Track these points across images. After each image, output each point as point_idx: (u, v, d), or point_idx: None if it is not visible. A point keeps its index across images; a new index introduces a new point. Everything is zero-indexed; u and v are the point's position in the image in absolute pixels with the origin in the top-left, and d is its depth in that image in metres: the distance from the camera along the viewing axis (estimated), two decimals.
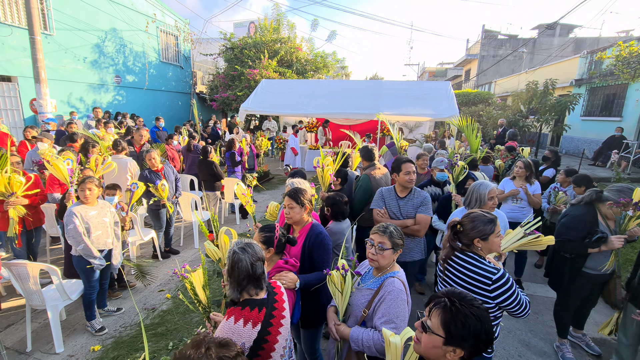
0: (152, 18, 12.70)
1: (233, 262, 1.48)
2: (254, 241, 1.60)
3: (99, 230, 3.08)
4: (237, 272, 1.46)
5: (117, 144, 4.89)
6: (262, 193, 8.07)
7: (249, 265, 1.46)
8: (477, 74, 23.67)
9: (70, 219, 2.89)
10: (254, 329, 1.42)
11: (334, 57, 16.16)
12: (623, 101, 10.82)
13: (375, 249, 1.74)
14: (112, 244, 3.22)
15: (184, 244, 5.25)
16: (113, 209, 3.31)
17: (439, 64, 38.39)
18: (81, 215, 2.95)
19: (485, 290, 1.72)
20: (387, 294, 1.68)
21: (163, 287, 3.95)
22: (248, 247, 1.52)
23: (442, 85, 10.22)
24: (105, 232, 3.14)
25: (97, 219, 3.07)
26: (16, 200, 3.16)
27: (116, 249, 3.28)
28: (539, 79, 11.22)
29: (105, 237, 3.13)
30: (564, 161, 10.96)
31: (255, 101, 9.87)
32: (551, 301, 3.60)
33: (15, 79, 8.61)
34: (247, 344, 1.40)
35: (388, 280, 1.73)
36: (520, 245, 2.18)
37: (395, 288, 1.68)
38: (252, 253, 1.49)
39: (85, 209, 3.01)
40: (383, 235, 1.74)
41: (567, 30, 22.88)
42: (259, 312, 1.46)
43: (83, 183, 2.99)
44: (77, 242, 2.90)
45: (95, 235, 3.03)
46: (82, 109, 10.42)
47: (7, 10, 8.29)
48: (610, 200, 2.56)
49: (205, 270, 1.90)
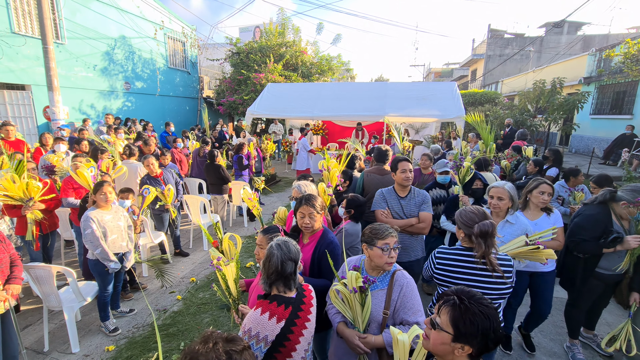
0: (160, 25, 12.94)
1: (267, 255, 1.56)
2: (293, 241, 1.64)
3: (115, 234, 3.16)
4: (268, 265, 1.54)
5: (127, 148, 5.01)
6: (269, 195, 8.14)
7: (279, 262, 1.52)
8: (483, 74, 23.49)
9: (88, 224, 2.96)
10: (278, 324, 1.47)
11: (339, 60, 16.23)
12: (633, 99, 10.63)
13: (393, 251, 1.77)
14: (127, 246, 3.30)
15: (194, 246, 5.33)
16: (125, 213, 3.39)
17: (444, 65, 38.21)
18: (97, 219, 3.02)
19: (509, 278, 1.84)
20: (405, 288, 1.73)
21: (174, 288, 4.02)
22: (284, 244, 1.58)
23: (448, 85, 10.19)
24: (120, 236, 3.22)
25: (112, 223, 3.15)
26: (34, 205, 3.26)
27: (130, 251, 3.35)
28: (547, 77, 11.11)
29: (120, 241, 3.22)
30: (575, 160, 10.81)
31: (261, 105, 9.97)
32: (561, 301, 3.56)
33: (29, 87, 8.86)
34: (270, 338, 1.44)
35: (397, 274, 1.78)
36: (519, 252, 2.15)
37: (408, 279, 1.75)
38: (285, 252, 1.55)
39: (101, 213, 3.09)
40: (394, 235, 1.79)
41: (575, 27, 22.58)
42: (285, 309, 1.51)
43: (101, 187, 3.06)
44: (95, 246, 2.97)
45: (111, 239, 3.11)
46: (93, 115, 10.66)
47: (21, 20, 8.54)
48: (624, 200, 2.52)
49: (238, 263, 1.98)
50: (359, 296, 1.67)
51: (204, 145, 6.97)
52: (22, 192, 3.14)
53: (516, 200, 2.48)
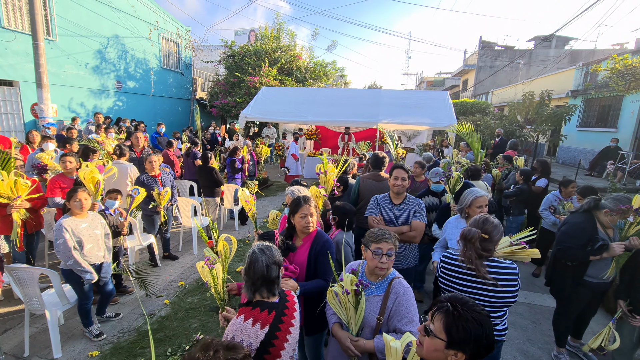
0: (154, 25, 12.85)
1: (251, 261, 1.54)
2: (274, 245, 1.64)
3: (91, 244, 2.96)
4: (252, 271, 1.52)
5: (118, 148, 4.92)
6: (261, 199, 8.08)
7: (265, 266, 1.51)
8: (474, 84, 23.96)
9: (60, 233, 2.75)
10: (262, 330, 1.45)
11: (334, 66, 16.34)
12: (618, 112, 10.98)
13: (386, 257, 1.76)
14: (104, 256, 3.12)
15: (183, 249, 5.24)
16: (103, 220, 3.21)
17: (436, 74, 38.85)
18: (72, 228, 2.83)
19: (514, 286, 1.85)
20: (400, 295, 1.72)
21: (162, 292, 3.94)
22: (267, 249, 1.57)
23: (440, 94, 10.34)
24: (97, 245, 3.03)
25: (88, 231, 2.95)
26: (21, 203, 3.16)
27: (108, 262, 3.18)
28: (536, 89, 11.39)
29: (96, 251, 3.02)
30: (562, 171, 11.06)
31: (255, 108, 9.95)
32: (549, 310, 3.62)
33: (17, 84, 8.66)
34: (254, 345, 1.42)
35: (395, 282, 1.77)
36: (505, 253, 2.19)
37: (405, 288, 1.74)
38: (269, 255, 1.54)
39: (76, 221, 2.89)
40: (389, 241, 1.78)
41: (563, 42, 23.28)
42: (269, 314, 1.49)
43: (75, 193, 2.86)
44: (66, 257, 2.78)
45: (87, 249, 2.92)
46: (82, 114, 10.46)
47: (10, 15, 8.37)
48: (607, 208, 2.60)
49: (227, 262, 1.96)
50: (353, 299, 1.68)
51: (192, 145, 6.91)
52: (9, 190, 3.04)
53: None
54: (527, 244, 2.15)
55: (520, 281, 1.90)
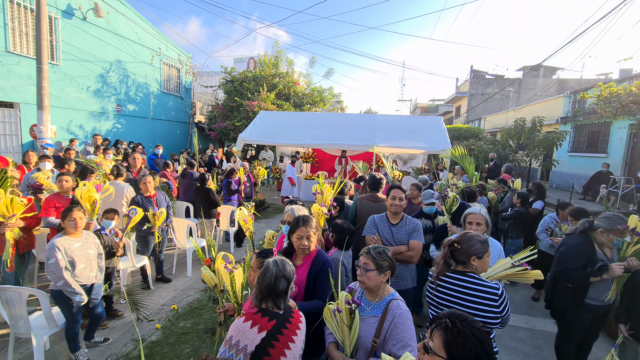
0: (156, 52, 13.25)
1: (263, 270, 1.59)
2: (289, 262, 1.67)
3: (83, 264, 2.89)
4: (262, 279, 1.57)
5: (115, 169, 4.93)
6: (258, 221, 8.02)
7: (273, 277, 1.55)
8: (467, 110, 24.64)
9: (52, 253, 2.70)
10: (259, 334, 1.45)
11: (330, 92, 16.78)
12: (607, 138, 11.29)
13: (361, 270, 1.77)
14: (96, 277, 3.04)
15: (177, 271, 5.13)
16: (97, 240, 3.16)
17: (430, 100, 39.94)
18: (64, 248, 2.78)
19: (493, 307, 1.76)
20: (396, 318, 1.67)
21: (153, 316, 3.81)
22: (280, 262, 1.61)
23: (434, 120, 10.61)
24: (89, 265, 2.97)
25: (81, 251, 2.90)
26: (15, 222, 3.11)
27: (100, 283, 3.09)
28: (527, 116, 11.74)
29: (88, 271, 2.96)
30: (556, 195, 11.18)
31: (253, 131, 10.10)
32: (551, 335, 3.55)
33: (17, 105, 8.76)
34: (250, 348, 1.42)
35: (392, 303, 1.73)
36: (507, 275, 2.17)
37: (402, 310, 1.70)
38: (280, 268, 1.58)
39: (69, 240, 2.84)
40: (367, 256, 1.78)
41: (550, 72, 24.28)
42: (269, 321, 1.51)
43: (70, 212, 2.84)
44: (57, 278, 2.70)
45: (79, 269, 2.87)
46: (81, 135, 10.53)
47: (17, 40, 8.61)
48: (601, 228, 2.63)
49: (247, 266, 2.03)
50: (347, 317, 1.66)
51: (188, 167, 6.93)
52: (5, 208, 3.00)
53: (490, 224, 2.65)
54: (529, 265, 2.13)
55: (508, 304, 1.82)
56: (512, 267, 2.15)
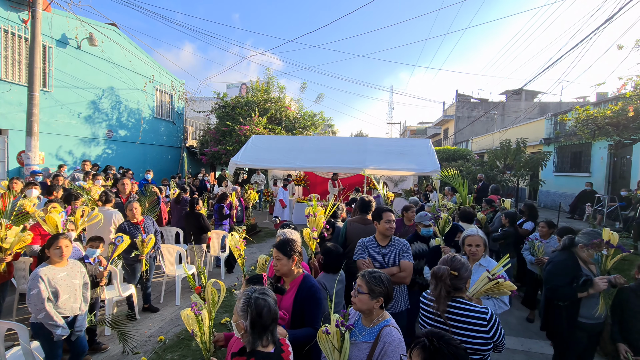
0: (149, 79, 13.46)
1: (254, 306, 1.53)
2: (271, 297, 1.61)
3: (67, 294, 2.79)
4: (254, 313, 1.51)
5: (104, 194, 4.85)
6: (250, 246, 7.90)
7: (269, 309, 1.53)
8: (454, 133, 25.31)
9: (35, 283, 2.60)
10: None
11: (321, 116, 17.12)
12: (589, 158, 11.69)
13: (355, 292, 1.77)
14: (79, 308, 2.92)
15: (165, 300, 4.96)
16: (83, 269, 3.06)
17: (419, 123, 41.02)
18: (48, 278, 2.68)
19: (483, 332, 1.74)
20: (387, 345, 1.64)
21: (139, 348, 3.64)
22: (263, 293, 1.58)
23: (423, 142, 10.87)
24: (74, 296, 2.86)
25: (66, 281, 2.80)
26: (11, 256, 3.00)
27: (84, 315, 2.98)
28: (511, 137, 12.12)
29: (72, 302, 2.85)
30: (544, 214, 11.30)
31: (245, 155, 10.16)
32: (547, 357, 3.50)
33: (5, 132, 8.68)
34: None
35: (385, 330, 1.70)
36: (487, 290, 2.15)
37: (394, 338, 1.66)
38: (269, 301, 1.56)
39: (54, 270, 2.75)
40: (362, 278, 1.78)
41: (531, 95, 25.36)
42: None
43: (56, 240, 2.76)
44: (38, 310, 2.61)
45: (62, 300, 2.76)
46: (70, 161, 10.43)
47: (9, 68, 8.67)
48: (580, 243, 2.72)
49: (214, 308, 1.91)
50: (337, 340, 1.63)
51: (182, 192, 6.88)
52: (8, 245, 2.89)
53: (487, 245, 2.69)
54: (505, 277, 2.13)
55: (499, 328, 1.79)
56: (489, 281, 2.14)
